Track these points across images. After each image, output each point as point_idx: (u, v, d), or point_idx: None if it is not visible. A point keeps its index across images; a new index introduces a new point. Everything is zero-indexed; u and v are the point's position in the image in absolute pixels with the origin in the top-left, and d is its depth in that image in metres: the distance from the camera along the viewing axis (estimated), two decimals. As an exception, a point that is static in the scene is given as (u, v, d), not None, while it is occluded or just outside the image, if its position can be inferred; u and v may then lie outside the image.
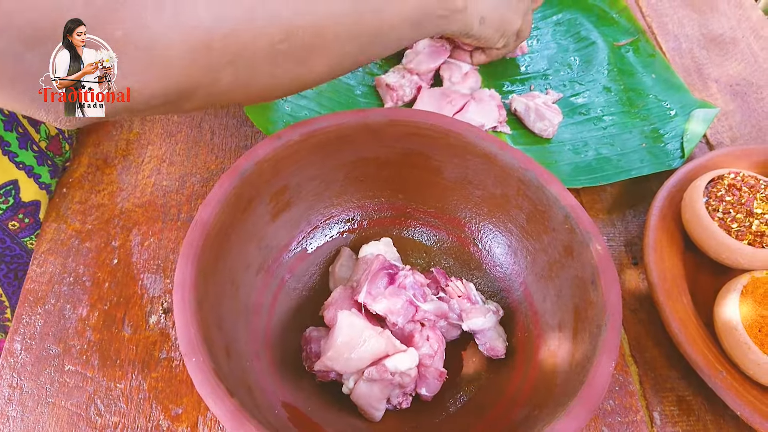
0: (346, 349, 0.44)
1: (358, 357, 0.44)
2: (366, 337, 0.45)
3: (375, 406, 0.46)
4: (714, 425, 0.53)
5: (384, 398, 0.46)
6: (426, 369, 0.47)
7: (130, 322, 0.54)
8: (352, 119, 0.50)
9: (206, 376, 0.36)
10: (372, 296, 0.48)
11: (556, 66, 0.79)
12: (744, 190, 0.58)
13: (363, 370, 0.45)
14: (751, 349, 0.50)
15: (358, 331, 0.45)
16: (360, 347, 0.44)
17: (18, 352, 0.51)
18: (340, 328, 0.45)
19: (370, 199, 0.56)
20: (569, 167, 0.66)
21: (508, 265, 0.54)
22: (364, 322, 0.45)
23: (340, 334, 0.45)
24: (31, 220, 0.59)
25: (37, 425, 0.48)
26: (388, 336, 0.45)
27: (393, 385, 0.46)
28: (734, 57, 0.86)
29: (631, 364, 0.56)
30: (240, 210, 0.46)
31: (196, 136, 0.68)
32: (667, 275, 0.56)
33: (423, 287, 0.50)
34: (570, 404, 0.37)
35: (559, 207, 0.47)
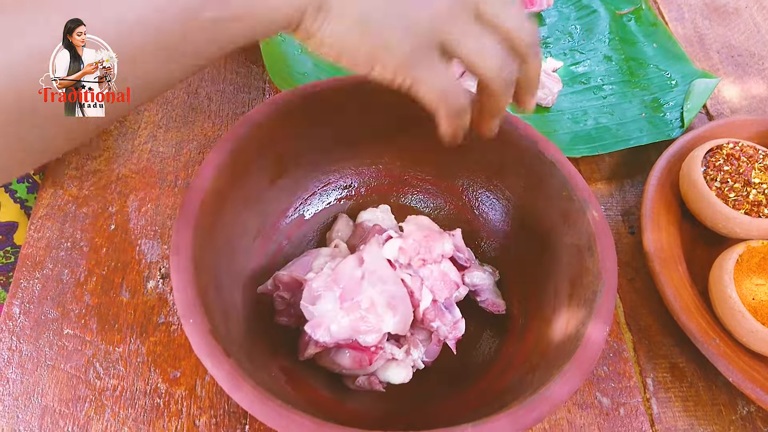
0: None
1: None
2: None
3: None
4: (706, 391, 0.53)
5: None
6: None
7: (128, 287, 0.54)
8: (350, 83, 0.49)
9: (203, 338, 0.36)
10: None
11: (557, 34, 0.78)
12: (742, 159, 0.58)
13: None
14: (744, 317, 0.51)
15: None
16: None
17: (16, 316, 0.51)
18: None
19: (367, 165, 0.56)
20: (568, 136, 0.66)
21: (504, 232, 0.54)
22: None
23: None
24: (2, 238, 0.59)
25: (37, 387, 0.48)
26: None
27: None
28: (737, 27, 0.85)
29: (625, 332, 0.56)
30: (237, 175, 0.46)
31: (193, 103, 0.67)
32: (664, 245, 0.56)
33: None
34: (564, 367, 0.37)
35: (558, 175, 0.47)
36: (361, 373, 0.46)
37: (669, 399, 0.53)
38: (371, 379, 0.46)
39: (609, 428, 0.50)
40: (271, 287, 0.47)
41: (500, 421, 0.35)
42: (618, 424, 0.51)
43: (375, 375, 0.46)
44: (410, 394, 0.47)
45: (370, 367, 0.45)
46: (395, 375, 0.46)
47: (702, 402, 0.53)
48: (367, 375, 0.46)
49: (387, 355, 0.45)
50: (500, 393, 0.43)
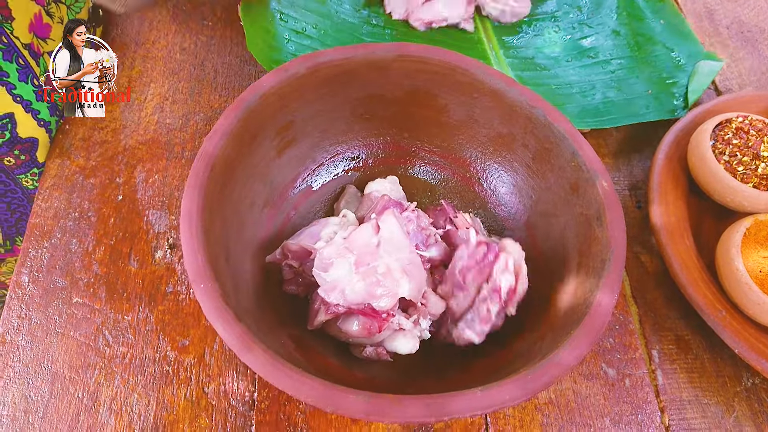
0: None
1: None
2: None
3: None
4: (711, 363, 0.54)
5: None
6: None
7: (136, 256, 0.54)
8: (360, 53, 0.49)
9: (215, 302, 0.36)
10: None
11: (566, 8, 0.77)
12: (752, 133, 0.58)
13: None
14: (752, 290, 0.51)
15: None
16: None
17: (26, 284, 0.52)
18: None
19: (375, 137, 0.56)
20: (576, 109, 0.66)
21: (512, 204, 0.54)
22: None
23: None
24: (27, 158, 0.59)
25: (47, 354, 0.48)
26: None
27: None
28: (747, 3, 0.84)
29: (631, 305, 0.56)
30: (245, 144, 0.46)
31: (199, 75, 0.67)
32: (671, 218, 0.56)
33: (425, 231, 0.50)
34: (573, 333, 0.37)
35: (567, 144, 0.47)
36: (369, 342, 0.46)
37: (674, 370, 0.53)
38: (379, 350, 0.46)
39: (614, 398, 0.51)
40: (280, 256, 0.47)
41: (509, 385, 0.35)
42: (623, 394, 0.51)
43: (383, 346, 0.46)
44: (420, 363, 0.47)
45: (378, 336, 0.45)
46: (402, 345, 0.46)
47: (707, 374, 0.53)
48: (374, 345, 0.46)
49: (394, 325, 0.45)
50: (509, 361, 0.43)
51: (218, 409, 0.47)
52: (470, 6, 0.72)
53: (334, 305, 0.43)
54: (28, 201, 0.63)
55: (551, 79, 0.69)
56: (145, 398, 0.47)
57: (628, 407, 0.50)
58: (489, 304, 0.45)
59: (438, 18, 0.71)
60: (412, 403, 0.34)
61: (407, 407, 0.33)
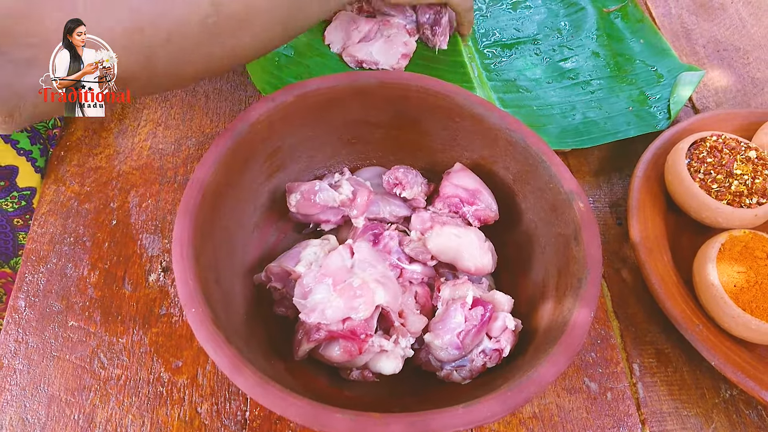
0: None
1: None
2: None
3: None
4: (690, 376, 0.55)
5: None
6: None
7: (130, 280, 0.55)
8: (344, 81, 0.51)
9: (205, 325, 0.38)
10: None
11: (546, 31, 0.79)
12: (725, 152, 0.60)
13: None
14: (726, 304, 0.52)
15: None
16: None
17: (22, 309, 0.53)
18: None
19: (362, 161, 0.58)
20: (557, 129, 0.68)
21: (495, 223, 0.55)
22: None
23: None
24: (6, 183, 0.60)
25: (44, 377, 0.50)
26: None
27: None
28: (723, 22, 0.87)
29: (613, 320, 0.58)
30: (235, 170, 0.48)
31: (191, 101, 0.69)
32: (650, 234, 0.58)
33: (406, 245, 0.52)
34: (551, 351, 0.39)
35: (545, 167, 0.49)
36: (353, 365, 0.47)
37: (654, 383, 0.55)
38: (364, 372, 0.47)
39: (597, 412, 0.52)
40: (264, 278, 0.49)
41: (490, 401, 0.37)
42: (605, 407, 0.52)
43: (368, 368, 0.48)
44: (406, 381, 0.48)
45: (360, 358, 0.46)
46: (386, 366, 0.47)
47: (686, 386, 0.55)
48: (359, 369, 0.47)
49: (375, 348, 0.46)
50: (491, 378, 0.45)
51: (211, 429, 0.48)
52: (404, 60, 0.72)
53: (315, 332, 0.44)
54: (7, 222, 0.65)
55: (533, 100, 0.71)
56: (140, 419, 0.48)
57: (610, 420, 0.52)
58: (487, 361, 0.46)
59: (369, 60, 0.71)
60: (396, 420, 0.35)
61: (391, 425, 0.35)
